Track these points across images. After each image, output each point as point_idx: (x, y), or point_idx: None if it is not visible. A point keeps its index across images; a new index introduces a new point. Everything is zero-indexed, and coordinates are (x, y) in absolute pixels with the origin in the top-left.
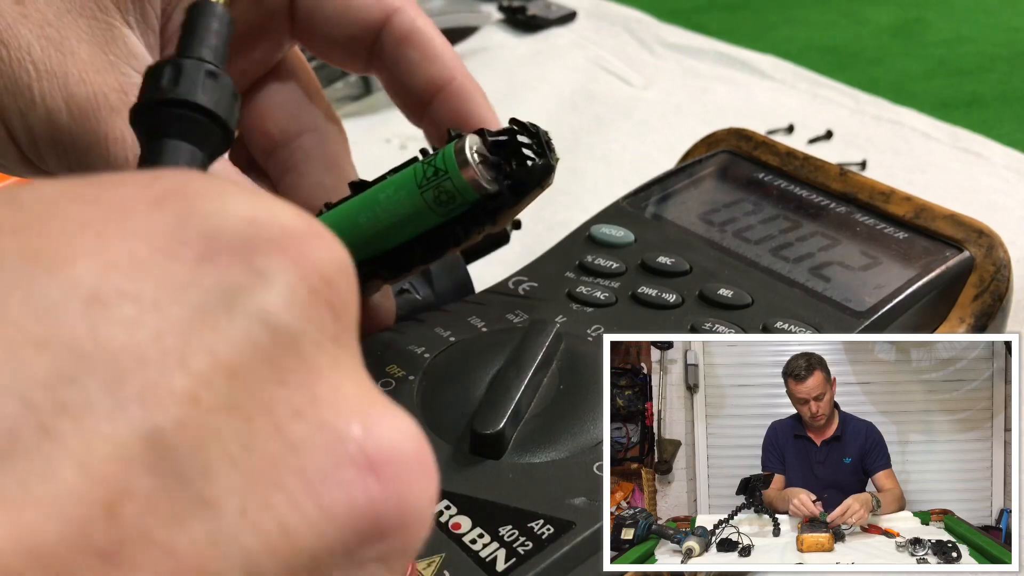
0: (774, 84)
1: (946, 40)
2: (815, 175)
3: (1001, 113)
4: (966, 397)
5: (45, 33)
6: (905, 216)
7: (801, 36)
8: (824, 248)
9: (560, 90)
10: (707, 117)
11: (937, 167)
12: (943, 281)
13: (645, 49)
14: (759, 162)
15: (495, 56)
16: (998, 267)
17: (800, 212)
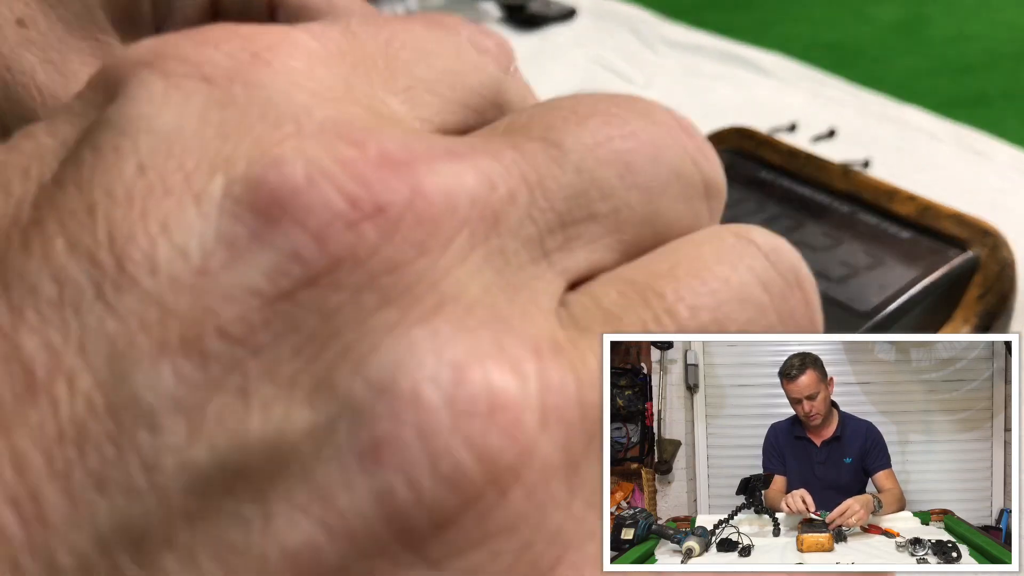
0: (777, 82)
1: (950, 37)
2: (818, 174)
3: (1006, 111)
4: (966, 397)
5: (48, 56)
6: (909, 215)
7: (804, 33)
8: (827, 248)
9: (561, 88)
10: (709, 115)
11: (941, 166)
12: (947, 281)
13: (646, 47)
14: (762, 161)
15: None
16: (1003, 267)
17: (803, 211)
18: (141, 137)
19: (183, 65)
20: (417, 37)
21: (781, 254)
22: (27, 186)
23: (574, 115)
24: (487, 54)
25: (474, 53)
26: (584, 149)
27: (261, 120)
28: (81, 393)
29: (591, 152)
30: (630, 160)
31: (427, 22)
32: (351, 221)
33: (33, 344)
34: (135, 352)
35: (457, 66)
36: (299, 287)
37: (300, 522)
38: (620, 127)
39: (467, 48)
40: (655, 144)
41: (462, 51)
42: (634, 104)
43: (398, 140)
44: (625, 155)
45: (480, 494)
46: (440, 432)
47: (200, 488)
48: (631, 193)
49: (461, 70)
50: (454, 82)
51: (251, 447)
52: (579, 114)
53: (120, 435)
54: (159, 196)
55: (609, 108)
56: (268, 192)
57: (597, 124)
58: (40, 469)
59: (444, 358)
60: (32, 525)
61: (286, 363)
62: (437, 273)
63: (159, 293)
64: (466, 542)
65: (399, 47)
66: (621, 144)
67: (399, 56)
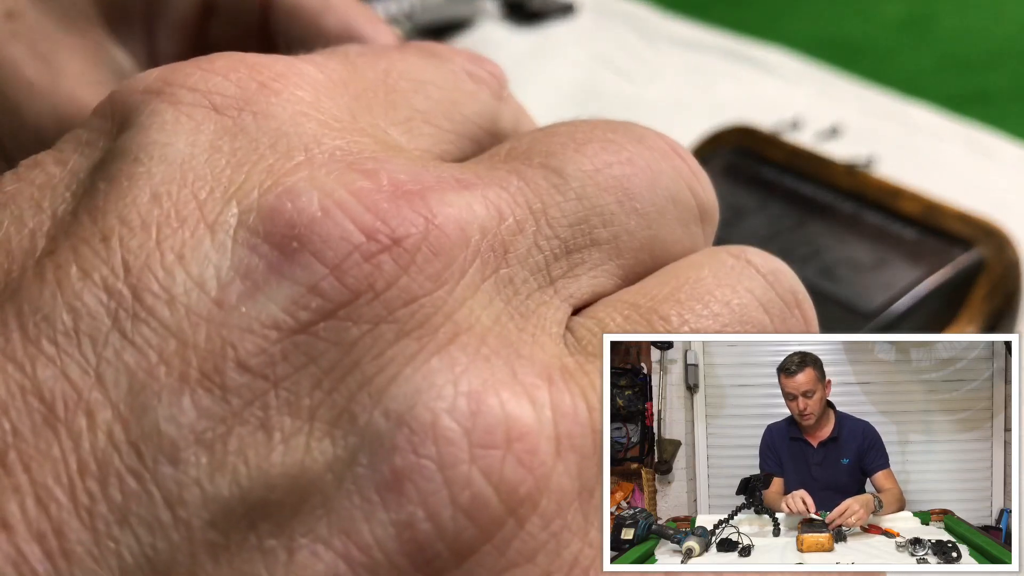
0: (780, 79)
1: (956, 34)
2: (822, 172)
3: (1011, 108)
4: (966, 397)
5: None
6: (914, 214)
7: (809, 30)
8: (831, 247)
9: (561, 86)
10: (712, 113)
11: (947, 164)
12: (953, 281)
13: (648, 44)
14: (765, 159)
15: (494, 51)
16: (1008, 266)
17: (807, 210)
18: (155, 166)
19: (192, 94)
20: (413, 67)
21: (779, 276)
22: (41, 217)
23: (572, 141)
24: (481, 82)
25: (469, 82)
26: (584, 176)
27: (272, 149)
28: (102, 426)
29: (591, 178)
30: (628, 186)
31: (422, 51)
32: (368, 253)
33: (50, 376)
34: (155, 384)
35: (453, 95)
36: (318, 319)
37: (323, 555)
38: (617, 153)
39: (462, 77)
40: (652, 169)
41: (457, 80)
42: (629, 130)
43: (408, 170)
44: (624, 180)
45: (500, 524)
46: (459, 463)
47: (223, 522)
48: (630, 219)
49: (457, 99)
50: (451, 112)
51: (273, 480)
52: (577, 140)
53: (142, 469)
54: (174, 225)
55: (605, 134)
56: (283, 223)
57: (595, 150)
58: (63, 503)
59: (461, 388)
60: (57, 559)
61: (306, 395)
62: (452, 304)
63: (177, 325)
64: (486, 573)
65: (397, 77)
66: (619, 170)
67: (398, 87)
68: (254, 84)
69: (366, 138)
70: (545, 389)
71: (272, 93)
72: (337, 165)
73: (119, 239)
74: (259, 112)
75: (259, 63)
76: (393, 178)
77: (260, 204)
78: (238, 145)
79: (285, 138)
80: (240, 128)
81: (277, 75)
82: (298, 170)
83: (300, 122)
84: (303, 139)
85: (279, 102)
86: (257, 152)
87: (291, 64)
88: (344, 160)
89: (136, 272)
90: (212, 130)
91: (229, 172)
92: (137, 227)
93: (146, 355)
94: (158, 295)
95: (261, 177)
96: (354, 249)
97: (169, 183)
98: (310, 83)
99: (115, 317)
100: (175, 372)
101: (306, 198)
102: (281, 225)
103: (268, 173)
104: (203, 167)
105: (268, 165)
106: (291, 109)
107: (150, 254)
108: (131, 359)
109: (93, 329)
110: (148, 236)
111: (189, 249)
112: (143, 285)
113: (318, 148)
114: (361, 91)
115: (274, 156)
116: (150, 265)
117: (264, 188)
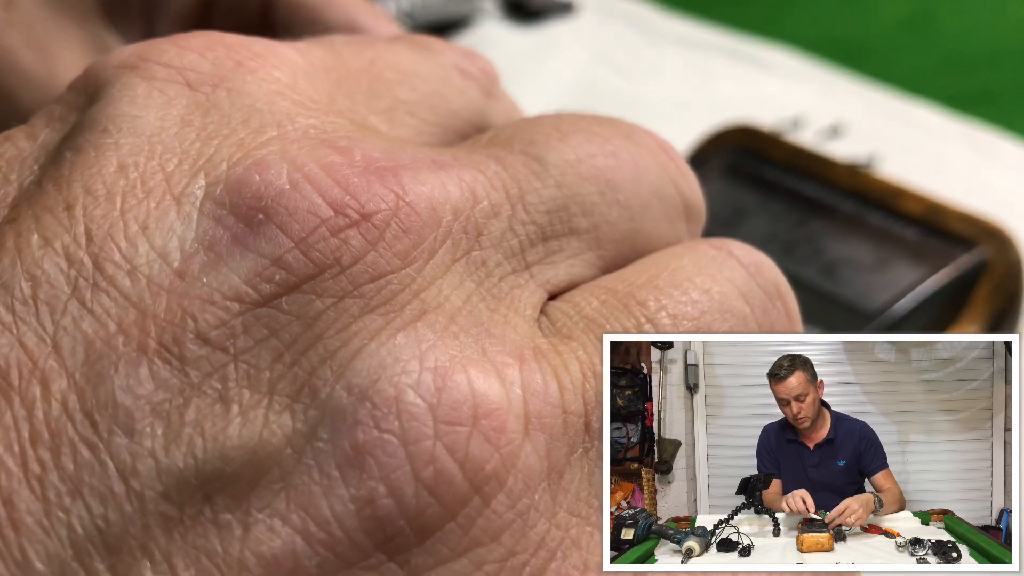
0: (782, 78)
1: (957, 34)
2: (824, 172)
3: (1014, 108)
4: (966, 397)
5: (32, 39)
6: (916, 214)
7: (811, 28)
8: (833, 247)
9: (561, 85)
10: (713, 112)
11: (949, 164)
12: (955, 281)
13: (649, 43)
14: (767, 158)
15: (493, 50)
16: (1011, 267)
17: (809, 210)
18: (123, 137)
19: (166, 70)
20: (401, 58)
21: (761, 268)
22: (7, 189)
23: (556, 131)
24: (471, 78)
25: (458, 77)
26: (566, 164)
27: (244, 125)
28: (56, 395)
29: (573, 168)
30: (611, 178)
31: (412, 44)
32: (336, 228)
33: (5, 343)
34: (112, 354)
35: (440, 89)
36: (281, 293)
37: (280, 530)
38: (602, 145)
39: (451, 71)
40: (637, 164)
41: (446, 74)
42: (617, 125)
43: (382, 148)
44: (607, 172)
45: (464, 502)
46: (423, 439)
47: (178, 494)
48: (612, 210)
49: (444, 93)
50: (437, 105)
51: (230, 453)
52: (561, 131)
53: (96, 439)
54: (140, 196)
55: (592, 127)
56: (251, 195)
57: (579, 141)
58: (13, 472)
59: (427, 363)
60: (5, 529)
61: (266, 368)
62: (420, 282)
63: (138, 295)
64: (450, 551)
65: (383, 68)
66: (603, 162)
67: (383, 76)
68: (230, 62)
69: (342, 120)
70: (516, 367)
71: (248, 72)
72: (310, 141)
73: (83, 208)
74: (233, 89)
75: (237, 43)
76: (367, 155)
77: (228, 176)
78: (209, 120)
79: (258, 115)
80: (213, 104)
81: (255, 55)
82: (269, 144)
83: (275, 100)
84: (276, 116)
85: (254, 80)
86: (229, 127)
87: (270, 46)
88: (317, 136)
89: (99, 241)
90: (184, 104)
91: (199, 145)
92: (102, 197)
93: (104, 325)
94: (119, 265)
95: (231, 150)
96: (321, 223)
97: (137, 154)
98: (288, 65)
99: (75, 286)
100: (133, 342)
101: (275, 171)
102: (248, 197)
103: (238, 147)
104: (172, 140)
105: (239, 139)
106: (267, 88)
107: (113, 224)
108: (89, 328)
109: (52, 297)
110: (112, 206)
111: (153, 220)
112: (105, 254)
113: (291, 125)
114: (343, 78)
115: (246, 131)
116: (113, 235)
117: (233, 161)
